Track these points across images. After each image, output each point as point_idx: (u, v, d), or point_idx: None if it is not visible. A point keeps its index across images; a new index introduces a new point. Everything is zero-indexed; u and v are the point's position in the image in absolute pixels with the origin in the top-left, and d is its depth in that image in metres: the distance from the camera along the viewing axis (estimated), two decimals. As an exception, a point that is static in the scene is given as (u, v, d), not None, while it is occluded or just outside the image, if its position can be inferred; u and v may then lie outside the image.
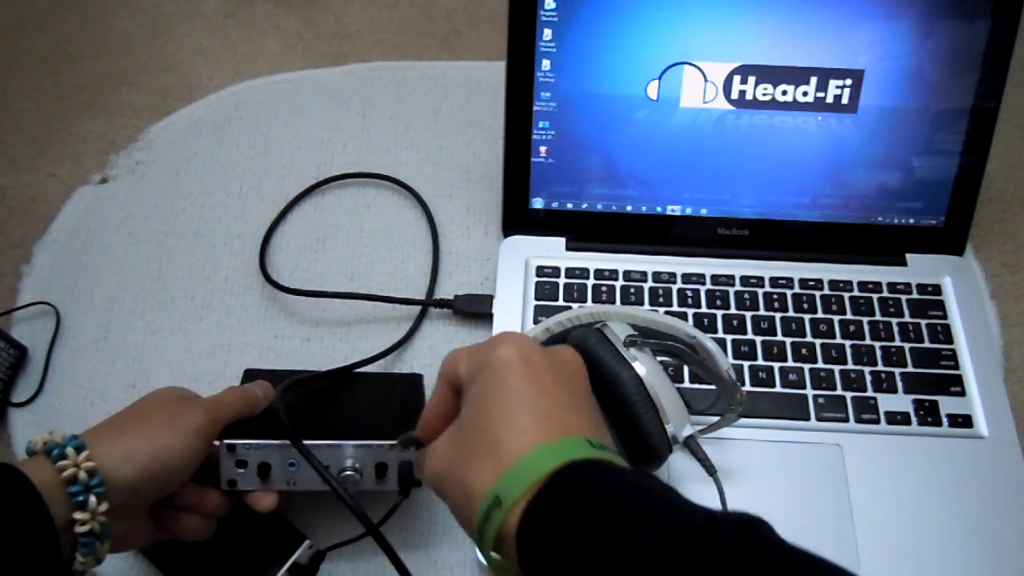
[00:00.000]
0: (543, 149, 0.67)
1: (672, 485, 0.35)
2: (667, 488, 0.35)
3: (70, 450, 0.42)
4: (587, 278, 0.67)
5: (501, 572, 0.37)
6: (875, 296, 0.66)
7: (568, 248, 0.69)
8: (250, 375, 0.60)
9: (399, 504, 0.52)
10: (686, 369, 0.62)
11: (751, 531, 0.32)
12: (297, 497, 0.56)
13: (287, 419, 0.49)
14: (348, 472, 0.51)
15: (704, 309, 0.65)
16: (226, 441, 0.50)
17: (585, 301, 0.66)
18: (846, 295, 0.66)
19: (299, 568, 0.53)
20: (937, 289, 0.67)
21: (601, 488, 0.33)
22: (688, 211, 0.68)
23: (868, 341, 0.64)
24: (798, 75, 0.64)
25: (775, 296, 0.66)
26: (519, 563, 0.34)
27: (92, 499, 0.42)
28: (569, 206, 0.69)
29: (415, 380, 0.61)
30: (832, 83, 0.64)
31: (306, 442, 0.49)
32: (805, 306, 0.66)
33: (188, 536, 0.49)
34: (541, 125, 0.66)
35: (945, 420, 0.61)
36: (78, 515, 0.41)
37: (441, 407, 0.42)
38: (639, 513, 0.32)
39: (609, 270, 0.67)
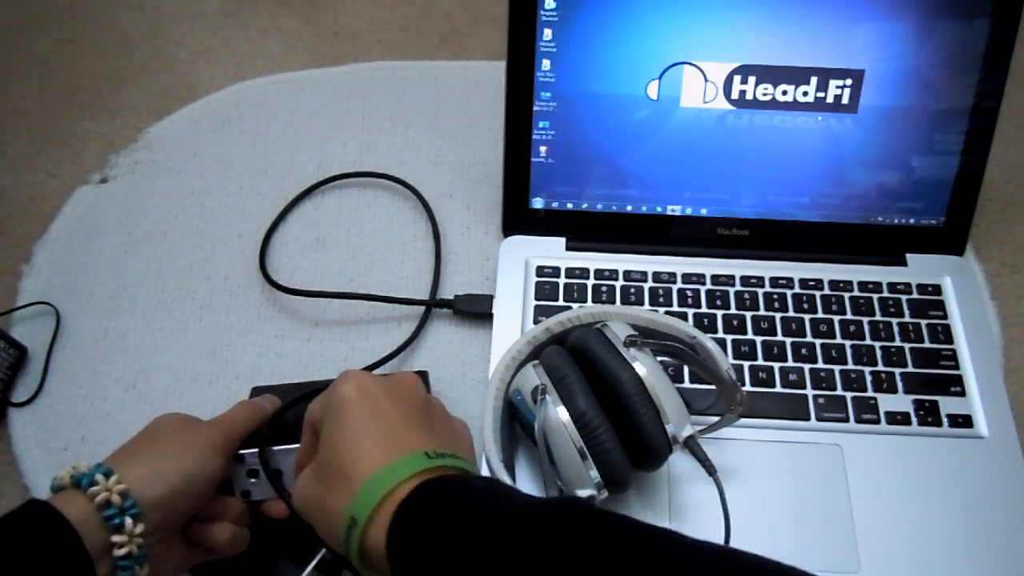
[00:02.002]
0: (543, 149, 0.67)
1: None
2: (501, 485, 0.41)
3: (99, 476, 0.43)
4: (587, 278, 0.67)
5: None
6: (875, 296, 0.66)
7: (568, 248, 0.69)
8: (257, 392, 0.60)
9: None
10: (686, 369, 0.62)
11: (575, 503, 0.38)
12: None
13: (266, 427, 0.50)
14: None
15: (704, 309, 0.65)
16: (235, 454, 0.50)
17: (585, 301, 0.66)
18: (846, 295, 0.66)
19: (327, 564, 0.53)
20: (937, 289, 0.67)
21: (447, 498, 0.39)
22: (688, 211, 0.68)
23: (868, 341, 0.64)
24: (798, 75, 0.64)
25: (775, 296, 0.66)
26: (393, 573, 0.39)
27: (128, 521, 0.42)
28: (569, 206, 0.69)
29: (421, 376, 0.61)
30: (832, 83, 0.64)
31: (283, 447, 0.49)
32: (805, 306, 0.66)
33: (223, 549, 0.49)
34: (541, 125, 0.66)
35: (945, 420, 0.61)
36: (116, 538, 0.42)
37: (307, 448, 0.48)
38: (483, 514, 0.38)
39: (609, 270, 0.67)
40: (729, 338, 0.64)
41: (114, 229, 0.73)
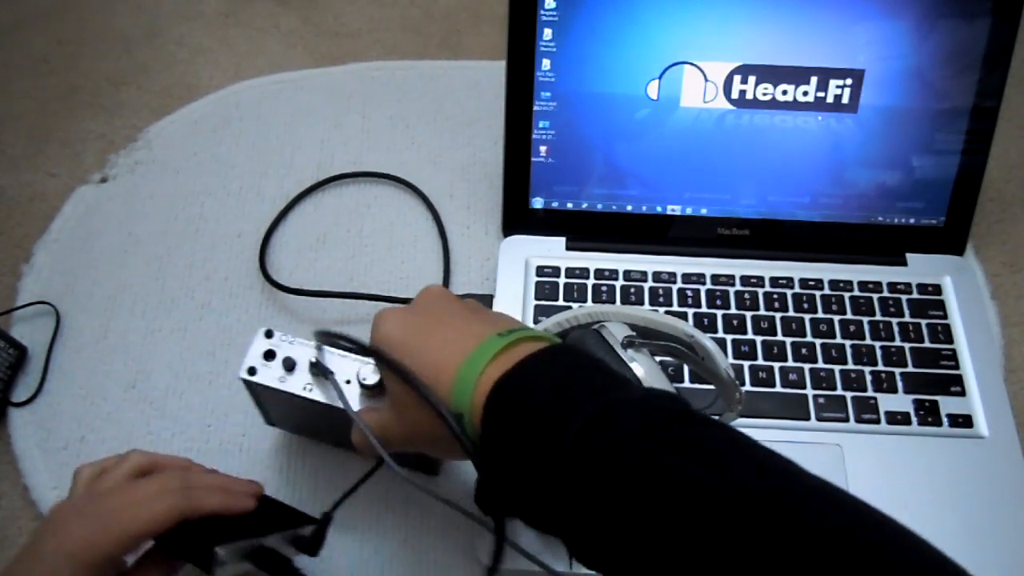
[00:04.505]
0: (543, 149, 0.67)
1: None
2: (592, 364, 0.40)
3: None
4: (587, 278, 0.67)
5: None
6: (875, 296, 0.66)
7: (568, 248, 0.69)
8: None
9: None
10: (686, 369, 0.62)
11: (675, 405, 0.37)
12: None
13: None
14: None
15: (704, 309, 0.65)
16: (265, 328, 0.51)
17: (585, 301, 0.66)
18: (846, 295, 0.66)
19: (302, 540, 0.50)
20: (937, 289, 0.67)
21: (530, 391, 0.38)
22: (688, 211, 0.68)
23: (868, 341, 0.64)
24: (798, 75, 0.64)
25: (775, 296, 0.66)
26: (481, 469, 0.39)
27: None
28: (569, 206, 0.69)
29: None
30: (832, 83, 0.64)
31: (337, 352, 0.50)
32: (805, 306, 0.66)
33: None
34: (541, 125, 0.66)
35: (945, 420, 0.61)
36: None
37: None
38: (566, 409, 0.36)
39: (609, 270, 0.67)
40: (729, 338, 0.64)
41: (114, 229, 0.73)
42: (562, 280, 0.66)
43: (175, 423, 0.63)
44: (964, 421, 0.61)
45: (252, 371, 0.51)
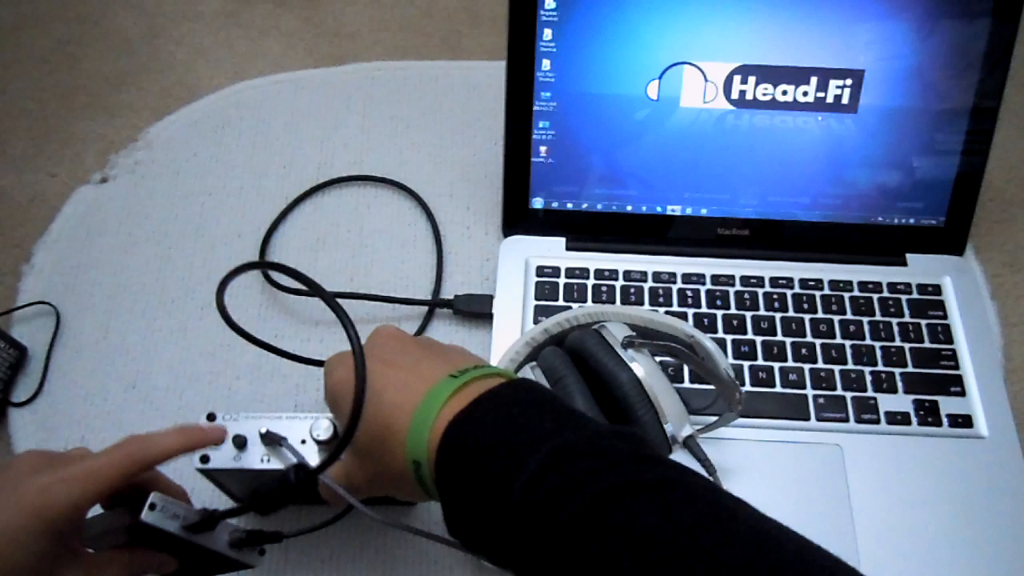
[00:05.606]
0: (543, 149, 0.67)
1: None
2: (545, 400, 0.40)
3: None
4: (587, 278, 0.67)
5: None
6: (875, 296, 0.66)
7: (568, 248, 0.69)
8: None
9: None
10: (686, 369, 0.62)
11: (627, 445, 0.36)
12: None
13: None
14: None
15: (704, 309, 0.65)
16: (207, 412, 0.50)
17: (585, 301, 0.66)
18: (846, 295, 0.66)
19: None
20: (937, 289, 0.67)
21: (482, 438, 0.38)
22: (688, 211, 0.68)
23: (868, 341, 0.64)
24: (798, 75, 0.64)
25: (775, 296, 0.66)
26: (443, 511, 0.39)
27: None
28: (569, 206, 0.69)
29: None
30: (832, 83, 0.64)
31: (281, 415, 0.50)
32: (805, 306, 0.66)
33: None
34: (541, 125, 0.66)
35: (945, 420, 0.61)
36: None
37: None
38: (522, 446, 0.36)
39: (609, 270, 0.67)
40: (729, 338, 0.64)
41: (114, 229, 0.73)
42: (562, 280, 0.66)
43: (175, 423, 0.63)
44: (964, 421, 0.61)
45: (205, 459, 0.49)
